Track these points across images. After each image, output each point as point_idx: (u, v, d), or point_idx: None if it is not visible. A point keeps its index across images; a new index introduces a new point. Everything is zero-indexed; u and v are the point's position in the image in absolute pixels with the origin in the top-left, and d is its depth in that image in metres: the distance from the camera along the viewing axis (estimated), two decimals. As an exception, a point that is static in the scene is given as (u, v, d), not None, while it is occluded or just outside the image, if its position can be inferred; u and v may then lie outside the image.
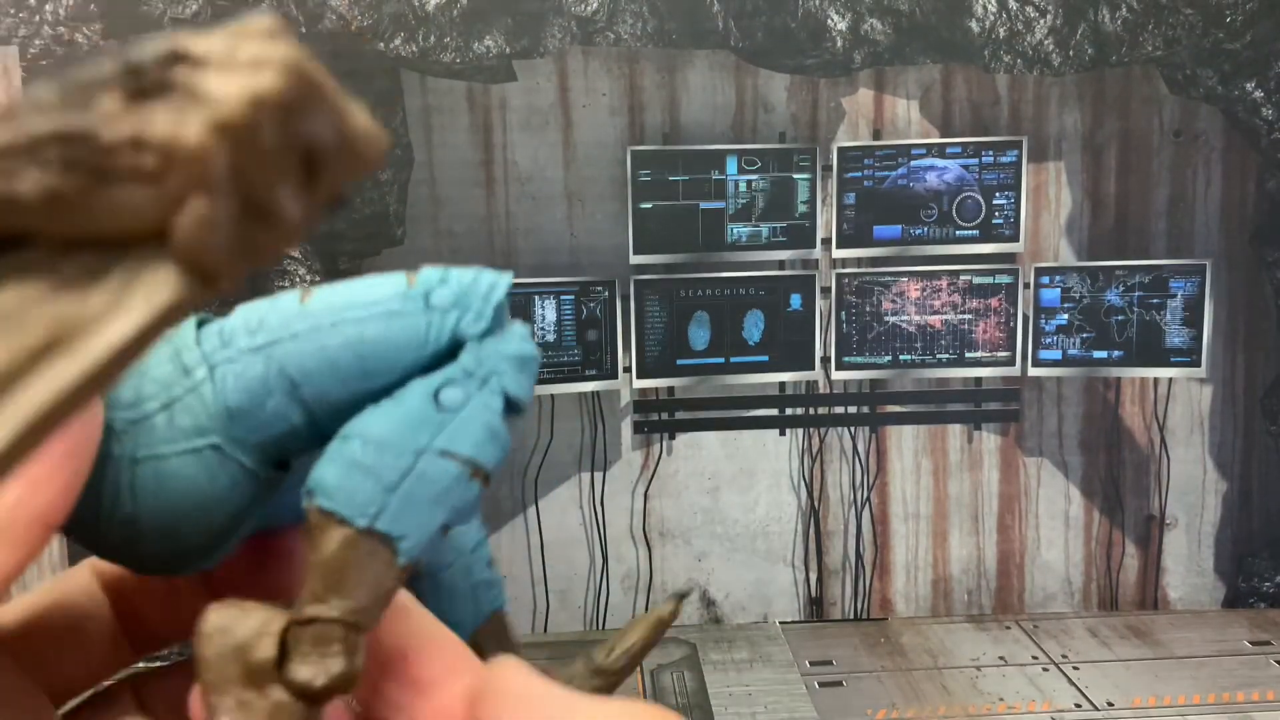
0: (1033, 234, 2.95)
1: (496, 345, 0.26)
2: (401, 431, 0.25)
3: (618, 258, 2.87)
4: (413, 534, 0.24)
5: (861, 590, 3.10)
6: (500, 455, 0.26)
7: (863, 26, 2.79)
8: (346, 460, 0.24)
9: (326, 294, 0.26)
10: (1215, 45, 2.81)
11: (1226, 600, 3.10)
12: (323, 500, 0.24)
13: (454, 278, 0.27)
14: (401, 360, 0.26)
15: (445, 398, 0.25)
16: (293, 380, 0.25)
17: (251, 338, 0.25)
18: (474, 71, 2.77)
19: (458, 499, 0.25)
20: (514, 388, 0.26)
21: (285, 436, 0.26)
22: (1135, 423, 3.07)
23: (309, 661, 0.23)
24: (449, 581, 0.33)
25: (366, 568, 0.24)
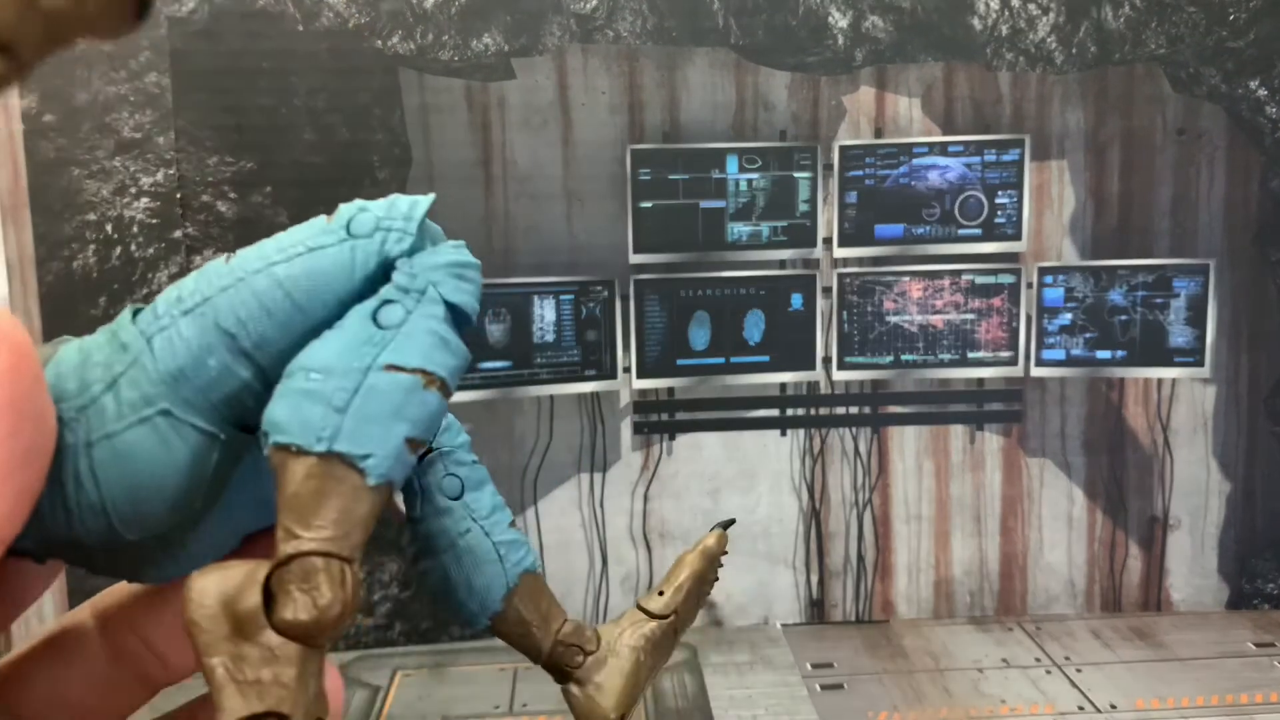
0: (1035, 233, 2.94)
1: (428, 258, 0.26)
2: (344, 355, 0.24)
3: (617, 257, 2.86)
4: (375, 450, 0.24)
5: (863, 592, 3.09)
6: (455, 362, 0.25)
7: (864, 24, 2.78)
8: (293, 392, 0.24)
9: (250, 249, 0.26)
10: (1219, 43, 2.80)
11: (1230, 602, 3.09)
12: (276, 436, 0.23)
13: (372, 205, 0.27)
14: (332, 290, 0.25)
15: (384, 316, 0.25)
16: (228, 332, 0.25)
17: (182, 304, 0.25)
18: (472, 69, 2.75)
19: (416, 410, 0.24)
20: (454, 295, 0.26)
21: (239, 393, 0.25)
22: (1139, 423, 3.05)
23: (295, 599, 0.23)
24: (468, 545, 0.33)
25: (335, 493, 0.23)
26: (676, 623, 0.37)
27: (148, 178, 2.63)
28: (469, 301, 0.27)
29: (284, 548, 0.23)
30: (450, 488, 0.32)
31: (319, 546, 0.23)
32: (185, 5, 2.56)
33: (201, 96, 2.61)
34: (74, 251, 2.61)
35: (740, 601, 3.08)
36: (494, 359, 2.77)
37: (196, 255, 2.67)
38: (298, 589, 0.23)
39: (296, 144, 2.67)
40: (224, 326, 0.24)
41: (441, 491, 0.32)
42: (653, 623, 0.36)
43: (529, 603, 0.36)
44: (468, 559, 0.32)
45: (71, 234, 2.61)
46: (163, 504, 0.24)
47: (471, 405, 2.88)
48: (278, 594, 0.23)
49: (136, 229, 2.63)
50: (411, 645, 2.92)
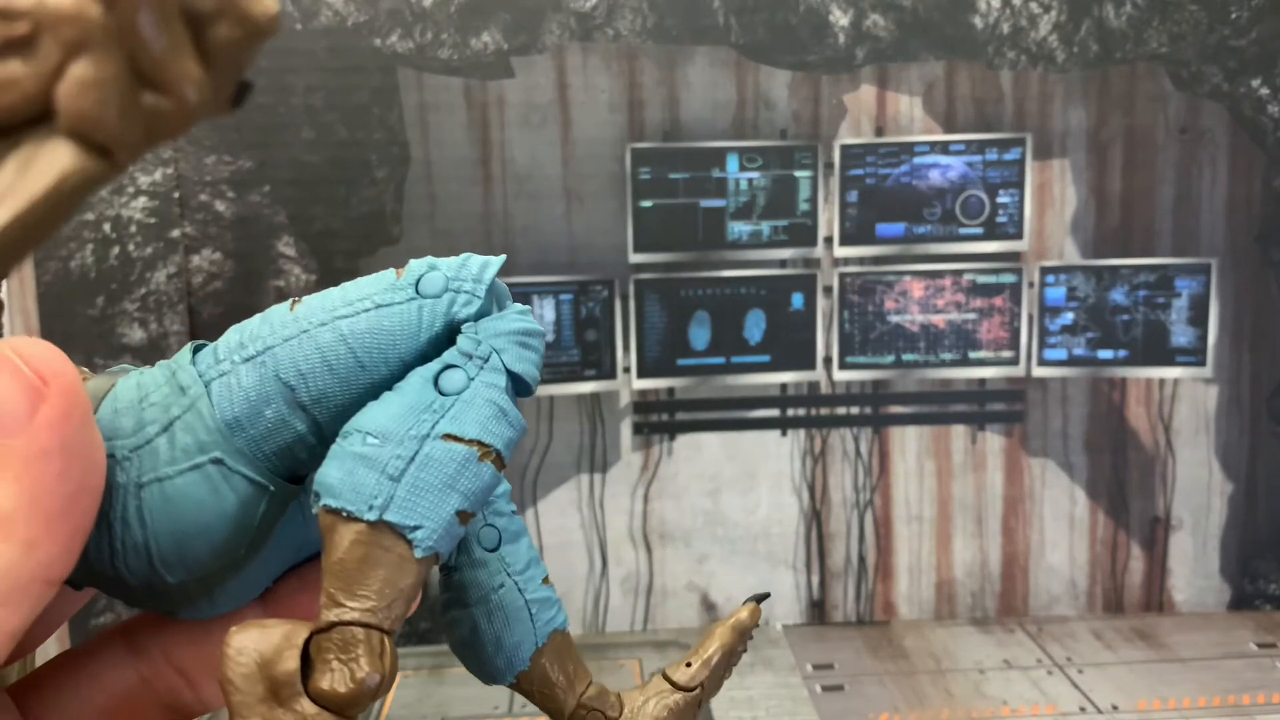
0: (1037, 232, 2.93)
1: (494, 324, 0.26)
2: (402, 420, 0.24)
3: (617, 256, 2.85)
4: (426, 522, 0.24)
5: (864, 593, 3.09)
6: (511, 434, 0.25)
7: (865, 22, 2.77)
8: (348, 456, 0.24)
9: (314, 298, 0.27)
10: (1221, 41, 2.79)
11: (1232, 602, 3.08)
12: (328, 499, 0.24)
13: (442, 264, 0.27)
14: (396, 350, 0.25)
15: (445, 382, 0.25)
16: (288, 384, 0.25)
17: (244, 350, 0.25)
18: (471, 68, 2.75)
19: (469, 482, 0.25)
20: (517, 364, 0.26)
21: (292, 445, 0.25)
22: (1141, 423, 3.05)
23: (333, 669, 0.23)
24: (500, 601, 0.32)
25: (381, 563, 0.24)
26: (701, 695, 0.37)
27: (145, 177, 2.62)
28: (531, 371, 0.26)
29: (327, 614, 0.23)
30: (488, 539, 0.32)
31: (361, 617, 0.23)
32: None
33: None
34: (71, 251, 2.60)
35: (741, 602, 3.07)
36: (493, 359, 2.77)
37: (194, 255, 2.66)
38: (337, 658, 0.23)
39: (295, 142, 2.66)
40: (284, 378, 0.25)
41: (479, 542, 0.32)
42: (677, 694, 0.36)
43: (556, 663, 0.35)
44: (499, 615, 0.32)
45: (69, 233, 2.60)
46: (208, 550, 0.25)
47: (471, 405, 2.87)
48: (316, 661, 0.23)
49: (134, 228, 2.62)
50: (410, 646, 2.91)
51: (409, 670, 2.79)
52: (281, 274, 2.61)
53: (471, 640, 0.34)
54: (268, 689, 0.23)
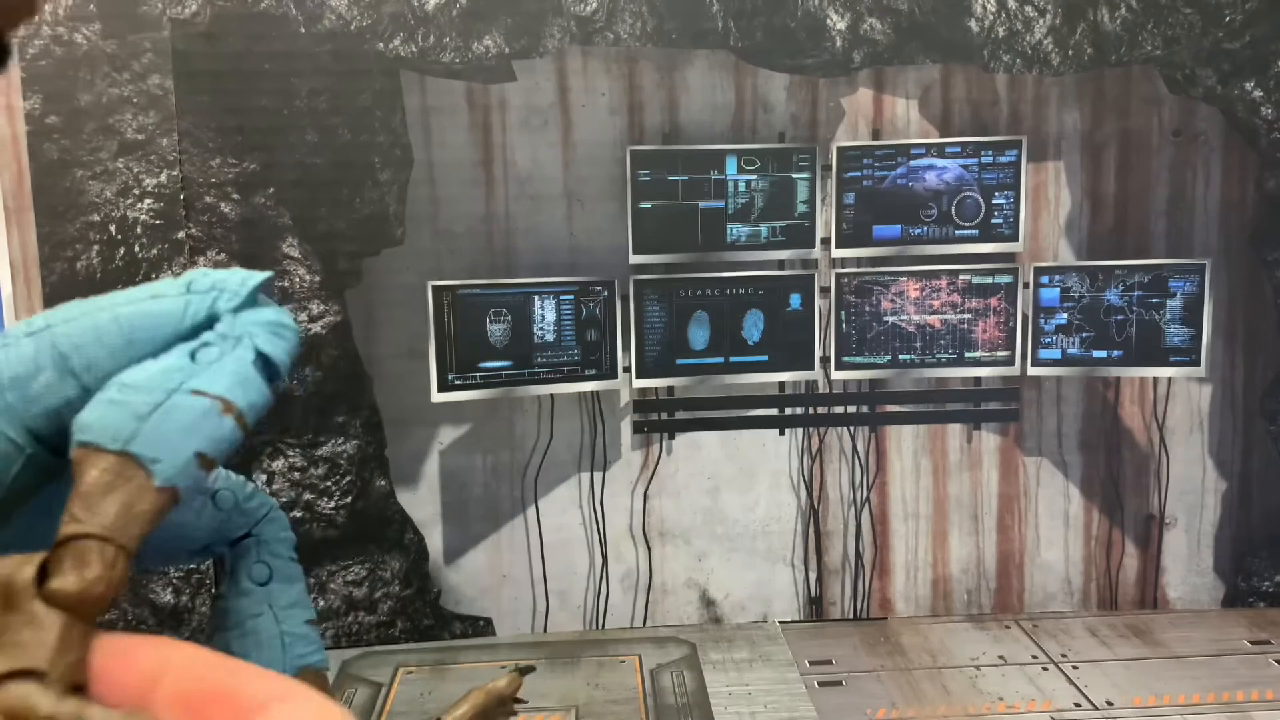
0: (1032, 233, 2.95)
1: (250, 314, 0.29)
2: (155, 376, 0.27)
3: (617, 257, 2.87)
4: (165, 458, 0.26)
5: (861, 590, 3.11)
6: (255, 400, 0.28)
7: (862, 26, 2.79)
8: (104, 401, 0.27)
9: (104, 295, 0.29)
10: (1214, 45, 2.81)
11: (1226, 599, 3.11)
12: (80, 435, 0.26)
13: (215, 272, 0.30)
14: (161, 331, 0.29)
15: (201, 355, 0.28)
16: (63, 353, 0.28)
17: (29, 327, 0.28)
18: (473, 71, 2.77)
19: (211, 431, 0.27)
20: (267, 346, 0.29)
21: (60, 408, 0.28)
22: (1135, 422, 3.07)
23: (64, 572, 0.25)
24: (255, 628, 0.35)
25: (121, 489, 0.25)
26: None
27: (151, 179, 2.64)
28: (280, 355, 0.30)
29: (65, 529, 0.25)
30: (258, 574, 0.35)
31: (97, 530, 0.25)
32: (188, 7, 2.58)
33: (204, 98, 2.62)
34: (78, 252, 2.62)
35: (739, 599, 3.10)
36: (494, 358, 2.79)
37: (200, 255, 2.68)
38: (70, 564, 0.25)
39: (299, 145, 2.68)
40: (59, 348, 0.28)
41: (249, 576, 0.35)
42: None
43: None
44: (250, 639, 0.35)
45: (75, 235, 2.63)
46: None
47: (472, 405, 2.90)
48: (50, 570, 0.25)
49: (140, 230, 2.65)
50: (413, 643, 2.94)
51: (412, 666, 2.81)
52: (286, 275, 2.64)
53: None
54: (3, 601, 0.24)
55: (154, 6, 2.57)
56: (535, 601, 3.00)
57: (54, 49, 2.56)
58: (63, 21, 2.56)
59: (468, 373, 2.76)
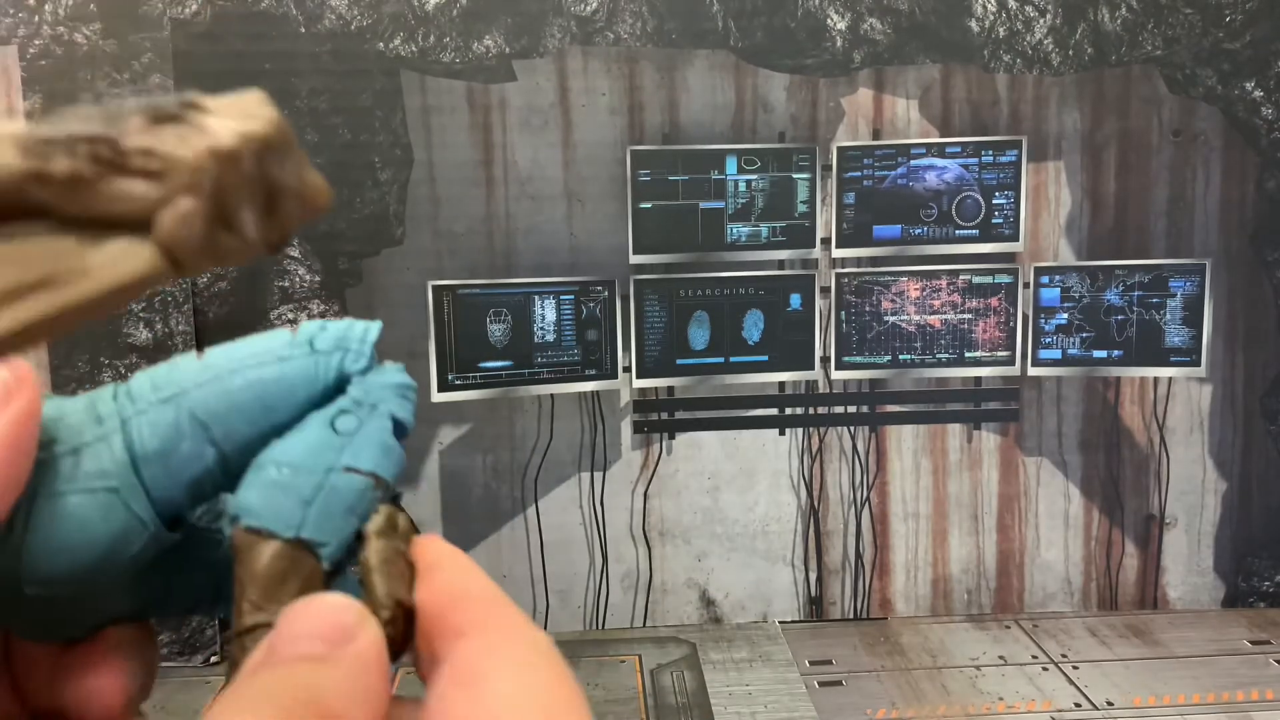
0: (1032, 233, 2.95)
1: (378, 378, 0.30)
2: (309, 455, 0.28)
3: (617, 258, 2.88)
4: (333, 541, 0.27)
5: (861, 590, 3.11)
6: (396, 469, 0.30)
7: (862, 26, 2.80)
8: (265, 484, 0.27)
9: (220, 350, 0.29)
10: (1215, 45, 2.81)
11: (1226, 600, 3.11)
12: (250, 520, 0.27)
13: (332, 326, 0.31)
14: (296, 397, 0.29)
15: (341, 425, 0.29)
16: (202, 422, 0.28)
17: (158, 392, 0.29)
18: (473, 71, 2.77)
19: (364, 508, 0.28)
20: (399, 411, 0.30)
21: (201, 477, 0.29)
22: (1135, 422, 3.07)
23: None
24: None
25: (296, 575, 0.27)
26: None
27: (151, 179, 2.64)
28: (409, 418, 0.31)
29: (251, 617, 0.26)
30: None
31: None
32: (188, 7, 2.58)
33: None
34: (78, 252, 2.62)
35: (739, 599, 3.10)
36: (495, 359, 2.79)
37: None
38: None
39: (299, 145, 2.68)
40: (198, 416, 0.28)
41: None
42: None
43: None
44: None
45: (75, 234, 2.63)
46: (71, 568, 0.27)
47: (473, 404, 2.90)
48: (238, 659, 0.26)
49: (140, 230, 2.65)
50: (413, 643, 2.93)
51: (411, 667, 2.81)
52: (286, 275, 2.64)
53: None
54: None
55: (154, 6, 2.57)
56: (535, 601, 3.00)
57: (54, 49, 2.56)
58: (63, 21, 2.56)
59: (468, 373, 2.77)
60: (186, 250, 0.22)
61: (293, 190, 0.24)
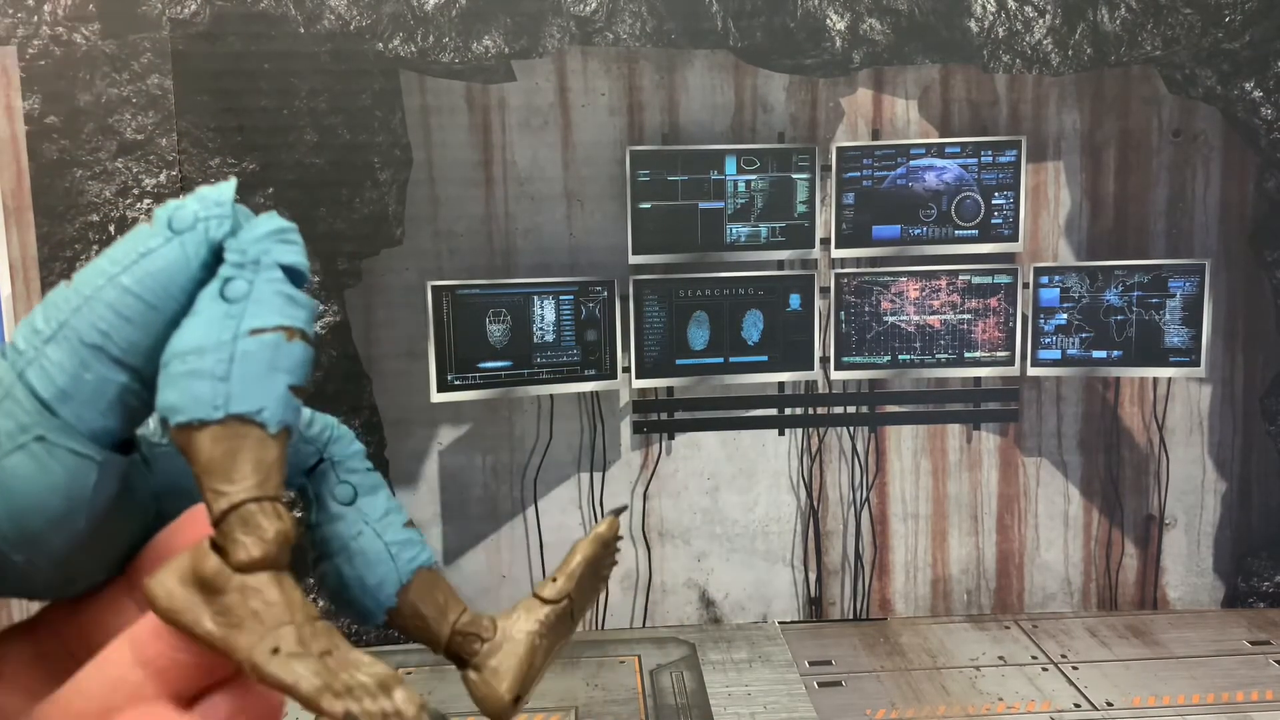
0: (1032, 234, 2.95)
1: (251, 232, 0.29)
2: (209, 333, 0.27)
3: (617, 258, 2.87)
4: (266, 403, 0.27)
5: (861, 590, 3.10)
6: (305, 313, 0.29)
7: (861, 26, 2.79)
8: (177, 377, 0.27)
9: (84, 270, 0.28)
10: (1214, 45, 2.81)
11: (1226, 600, 3.10)
12: (176, 417, 0.26)
13: (184, 200, 0.29)
14: (177, 283, 0.29)
15: (230, 291, 0.28)
16: (95, 345, 0.28)
17: (40, 334, 0.28)
18: (473, 71, 2.77)
19: (287, 360, 0.27)
20: (285, 257, 0.29)
21: (121, 397, 0.28)
22: (1134, 422, 3.07)
23: (242, 542, 0.26)
24: (360, 547, 0.35)
25: (244, 448, 0.26)
26: (571, 606, 0.40)
27: (150, 179, 2.64)
28: (299, 260, 0.30)
29: (217, 505, 0.26)
30: (343, 494, 0.35)
31: (248, 494, 0.26)
32: (187, 7, 2.57)
33: (203, 98, 2.62)
34: (77, 252, 2.62)
35: (739, 599, 3.09)
36: (494, 359, 2.79)
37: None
38: (242, 534, 0.26)
39: (298, 145, 2.68)
40: (89, 342, 0.27)
41: (335, 499, 0.35)
42: (546, 608, 0.39)
43: (425, 597, 0.39)
44: (360, 559, 0.35)
45: (74, 235, 2.63)
46: (44, 524, 0.27)
47: (472, 404, 2.90)
48: (226, 547, 0.26)
49: (139, 230, 2.64)
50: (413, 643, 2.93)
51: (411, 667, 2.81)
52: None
53: (339, 587, 0.36)
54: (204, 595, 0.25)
55: (153, 6, 2.57)
56: (535, 602, 2.99)
57: (54, 49, 2.56)
58: (62, 21, 2.56)
59: (467, 373, 2.76)
60: None
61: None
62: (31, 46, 2.56)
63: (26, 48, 2.56)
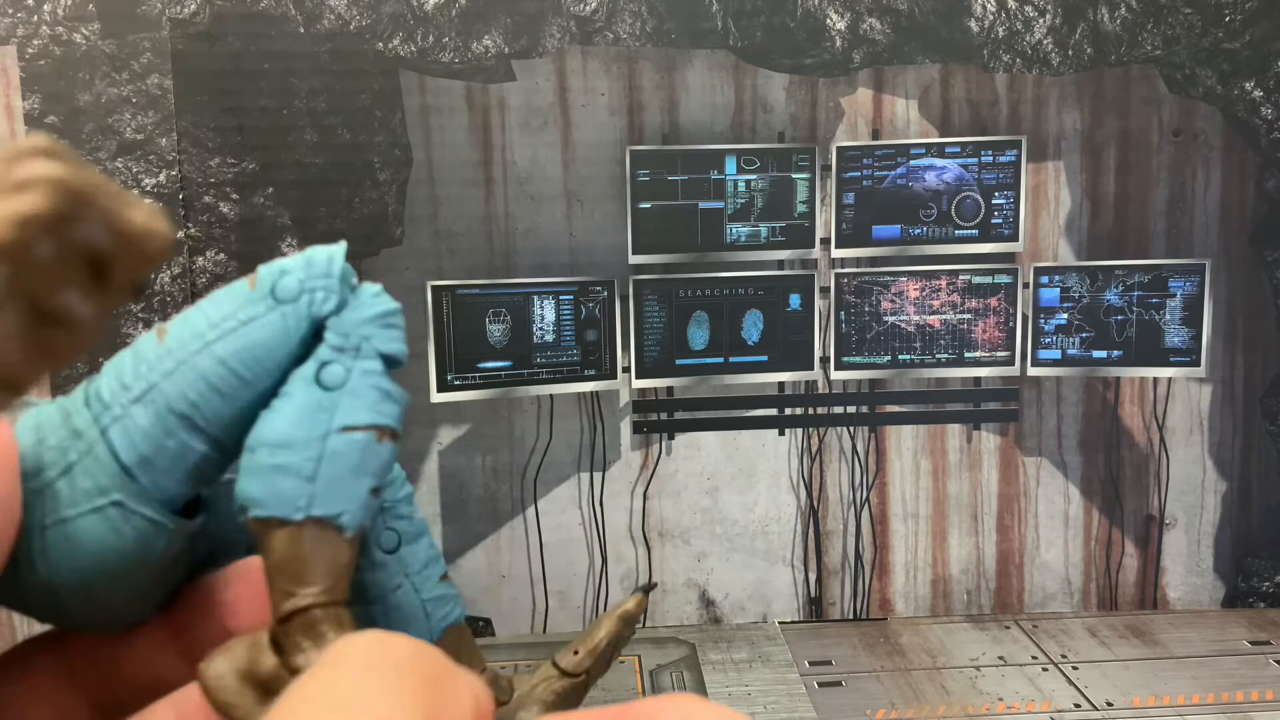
0: (1032, 234, 2.95)
1: (354, 313, 0.28)
2: (299, 424, 0.26)
3: (616, 258, 2.87)
4: (347, 508, 0.26)
5: (861, 590, 3.10)
6: (399, 410, 0.27)
7: (861, 26, 2.79)
8: (262, 469, 0.26)
9: (179, 325, 0.27)
10: (1214, 44, 2.81)
11: (1226, 600, 3.10)
12: (256, 511, 0.26)
13: (290, 265, 0.28)
14: (274, 359, 0.27)
15: (326, 378, 0.26)
16: (182, 414, 0.27)
17: (128, 391, 0.26)
18: (473, 71, 2.77)
19: (374, 463, 0.26)
20: (386, 346, 0.28)
21: (199, 466, 0.27)
22: (1134, 422, 3.07)
23: (304, 649, 0.25)
24: (398, 601, 0.34)
25: (318, 553, 0.25)
26: (587, 681, 0.40)
27: (150, 179, 2.64)
28: (399, 349, 0.28)
29: (285, 605, 0.25)
30: (388, 541, 0.34)
31: (315, 600, 0.25)
32: (187, 7, 2.57)
33: (203, 98, 2.62)
34: (77, 252, 2.62)
35: (738, 599, 3.09)
36: (494, 359, 2.79)
37: (199, 256, 2.68)
38: (305, 639, 0.25)
39: (298, 145, 2.68)
40: (177, 410, 0.26)
41: (379, 545, 0.34)
42: (564, 680, 0.39)
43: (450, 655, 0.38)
44: (395, 614, 0.35)
45: (74, 235, 2.62)
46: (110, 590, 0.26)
47: (472, 404, 2.89)
48: (287, 649, 0.25)
49: (139, 230, 2.64)
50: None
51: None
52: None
53: None
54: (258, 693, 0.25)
55: (153, 6, 2.57)
56: (535, 602, 3.00)
57: (53, 49, 2.55)
58: (62, 21, 2.56)
59: (467, 373, 2.76)
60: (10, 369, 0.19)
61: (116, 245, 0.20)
62: (31, 46, 2.56)
63: (26, 48, 2.56)
